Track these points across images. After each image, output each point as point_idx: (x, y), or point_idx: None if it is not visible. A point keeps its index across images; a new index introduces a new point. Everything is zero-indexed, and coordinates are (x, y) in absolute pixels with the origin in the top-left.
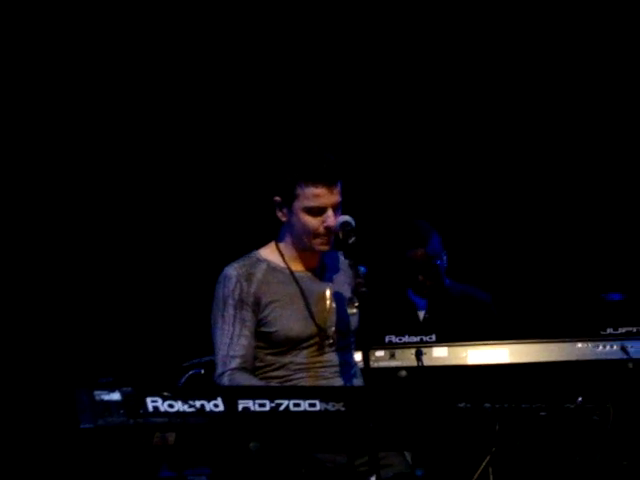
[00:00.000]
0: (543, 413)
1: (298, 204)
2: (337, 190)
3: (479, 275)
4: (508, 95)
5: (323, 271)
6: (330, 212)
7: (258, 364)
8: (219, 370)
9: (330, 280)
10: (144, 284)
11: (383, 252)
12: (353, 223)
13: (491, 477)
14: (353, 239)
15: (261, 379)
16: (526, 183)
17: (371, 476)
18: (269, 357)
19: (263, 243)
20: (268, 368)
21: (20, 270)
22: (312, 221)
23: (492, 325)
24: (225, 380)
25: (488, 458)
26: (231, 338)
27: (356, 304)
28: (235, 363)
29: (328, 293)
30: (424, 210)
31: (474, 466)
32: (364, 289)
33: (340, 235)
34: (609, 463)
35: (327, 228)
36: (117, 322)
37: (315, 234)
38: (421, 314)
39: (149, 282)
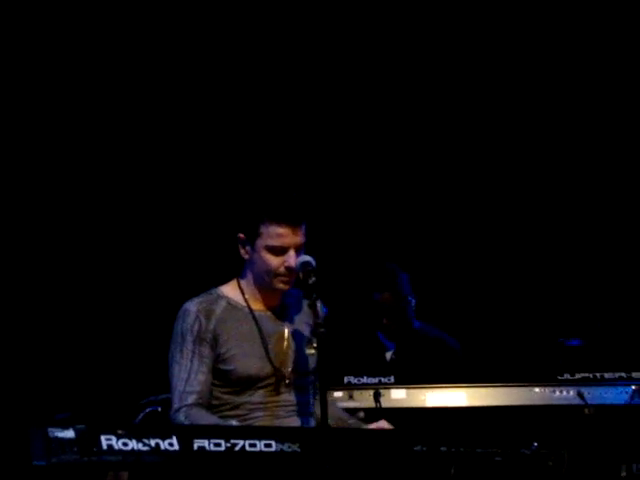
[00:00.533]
0: (498, 458)
1: (261, 242)
2: (301, 231)
3: (439, 318)
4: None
5: (283, 310)
6: (292, 252)
7: (214, 402)
8: (175, 405)
9: (290, 320)
10: (101, 320)
11: (353, 293)
12: (314, 263)
13: None
14: (313, 279)
15: (218, 418)
16: (485, 230)
17: None
18: (225, 396)
19: (225, 280)
20: (224, 407)
21: None
22: (274, 260)
23: (458, 372)
24: (181, 416)
25: None
26: (189, 374)
27: (314, 345)
28: (192, 399)
29: (286, 333)
30: (393, 253)
31: None
32: (322, 330)
33: (300, 275)
34: None
35: (288, 268)
36: (74, 358)
37: (276, 273)
38: (388, 355)
39: (106, 318)
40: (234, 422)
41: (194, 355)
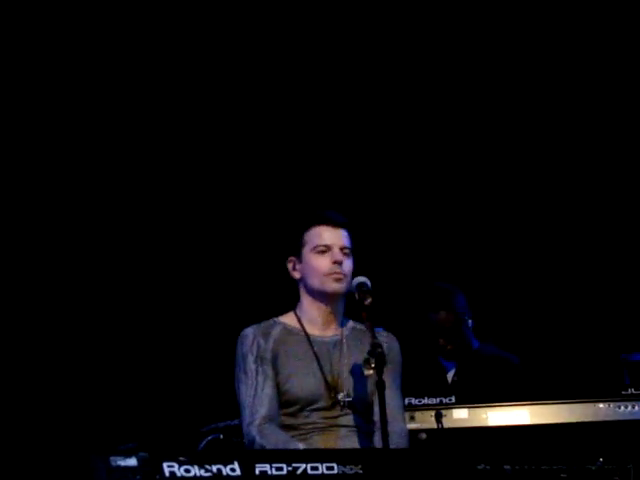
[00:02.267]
0: (564, 475)
1: (306, 250)
2: (343, 234)
3: (501, 336)
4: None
5: (341, 338)
6: (337, 249)
7: None
8: (247, 420)
9: (348, 346)
10: (163, 350)
11: (410, 315)
12: (369, 284)
13: None
14: (369, 300)
15: (289, 436)
16: (548, 243)
17: None
18: (283, 417)
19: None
20: (284, 429)
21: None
22: (321, 260)
23: (519, 388)
24: (254, 431)
25: None
26: (255, 390)
27: (372, 365)
28: (262, 412)
29: (343, 356)
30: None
31: None
32: (380, 350)
33: (356, 296)
34: None
35: (335, 262)
36: (136, 387)
37: (325, 273)
38: (450, 377)
39: (169, 348)
40: (300, 445)
41: (257, 373)
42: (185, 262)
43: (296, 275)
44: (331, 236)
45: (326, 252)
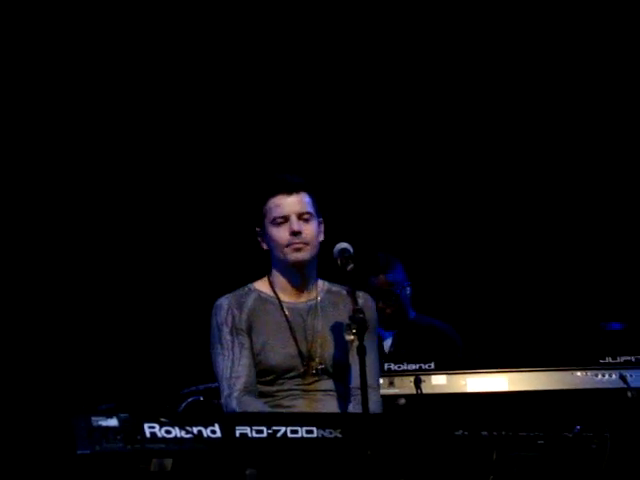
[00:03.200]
0: (541, 441)
1: (267, 222)
2: (300, 199)
3: (479, 304)
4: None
5: (315, 303)
6: (294, 218)
7: None
8: (225, 392)
9: (325, 311)
10: (142, 312)
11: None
12: (351, 250)
13: None
14: (351, 266)
15: (268, 405)
16: (523, 210)
17: None
18: (259, 385)
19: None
20: (262, 398)
21: (17, 291)
22: (279, 231)
23: (457, 357)
24: (233, 402)
25: None
26: (232, 361)
27: (354, 330)
28: (240, 383)
29: (317, 322)
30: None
31: None
32: (361, 315)
33: (338, 262)
34: None
35: (293, 233)
36: (115, 349)
37: (285, 245)
38: (387, 346)
39: (148, 311)
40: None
41: (234, 344)
42: (163, 228)
43: (263, 245)
44: (287, 205)
45: (284, 223)
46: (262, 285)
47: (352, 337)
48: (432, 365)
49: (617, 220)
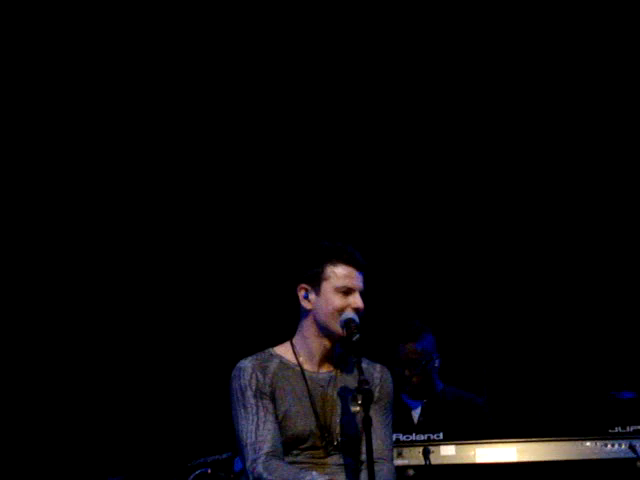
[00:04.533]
0: None
1: (328, 285)
2: (362, 279)
3: (489, 374)
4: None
5: (335, 375)
6: (357, 294)
7: None
8: (250, 457)
9: (342, 382)
10: (153, 383)
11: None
12: (357, 320)
13: None
14: (357, 336)
15: (297, 468)
16: (535, 280)
17: None
18: None
19: (278, 343)
20: None
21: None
22: (341, 300)
23: (486, 428)
24: (260, 468)
25: None
26: (256, 424)
27: (359, 402)
28: (266, 448)
29: (335, 394)
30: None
31: None
32: (367, 386)
33: (344, 332)
34: None
35: (356, 309)
36: (125, 421)
37: (340, 313)
38: (415, 416)
39: (158, 382)
40: (314, 473)
41: (258, 408)
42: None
43: (307, 305)
44: (355, 280)
45: (347, 294)
46: (284, 351)
47: (358, 408)
48: (441, 435)
49: (629, 288)
